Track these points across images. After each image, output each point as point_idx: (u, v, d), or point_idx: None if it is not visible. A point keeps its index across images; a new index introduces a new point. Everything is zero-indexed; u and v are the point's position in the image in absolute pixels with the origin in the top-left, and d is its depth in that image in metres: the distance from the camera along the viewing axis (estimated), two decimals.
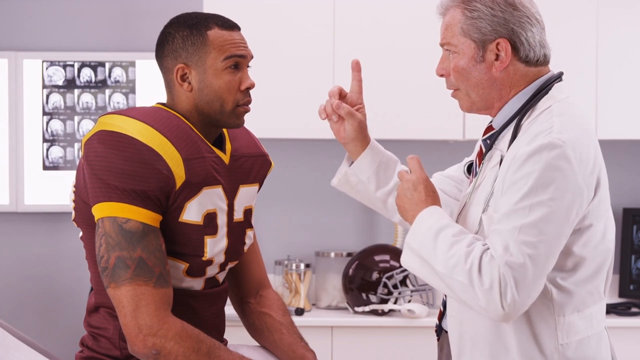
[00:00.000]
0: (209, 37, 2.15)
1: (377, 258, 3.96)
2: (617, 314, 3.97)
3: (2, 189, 4.14)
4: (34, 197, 4.15)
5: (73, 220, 2.20)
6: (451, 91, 2.16)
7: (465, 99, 2.13)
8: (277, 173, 4.11)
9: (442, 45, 2.13)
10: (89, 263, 2.20)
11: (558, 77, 2.12)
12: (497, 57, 2.07)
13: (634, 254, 4.20)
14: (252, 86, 2.19)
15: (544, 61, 2.11)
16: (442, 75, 2.15)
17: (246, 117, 2.22)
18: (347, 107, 2.19)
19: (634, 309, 4.05)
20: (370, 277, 3.93)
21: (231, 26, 2.18)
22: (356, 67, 2.25)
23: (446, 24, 2.12)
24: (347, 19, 3.93)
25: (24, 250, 4.19)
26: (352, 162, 2.32)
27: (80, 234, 2.21)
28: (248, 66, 2.20)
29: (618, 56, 3.97)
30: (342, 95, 2.23)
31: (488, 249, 1.94)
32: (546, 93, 2.07)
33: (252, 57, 2.20)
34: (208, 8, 3.84)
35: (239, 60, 2.17)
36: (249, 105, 2.20)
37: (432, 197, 2.09)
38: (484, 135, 2.18)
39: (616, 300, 4.24)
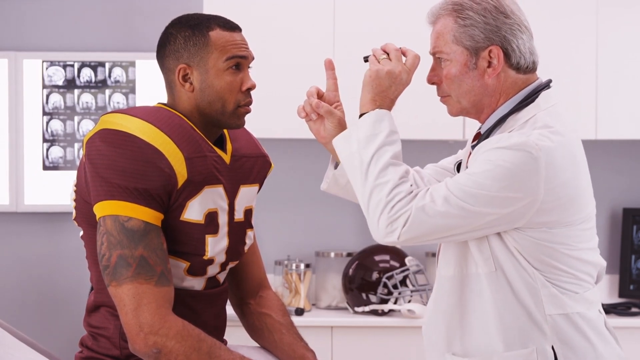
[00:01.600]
0: (210, 37, 2.15)
1: (377, 258, 3.96)
2: (617, 314, 3.97)
3: (2, 189, 4.14)
4: (34, 197, 4.15)
5: (74, 219, 2.21)
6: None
7: (455, 105, 2.16)
8: (277, 173, 4.11)
9: (432, 53, 2.15)
10: (90, 262, 2.20)
11: (546, 85, 2.14)
12: (490, 64, 2.09)
13: (634, 254, 4.21)
14: (253, 87, 2.20)
15: (532, 68, 2.13)
16: (433, 83, 2.17)
17: (246, 117, 2.22)
18: (326, 106, 2.21)
19: (634, 309, 4.05)
20: (370, 277, 3.93)
21: (233, 27, 2.19)
22: (329, 66, 2.27)
23: (437, 32, 2.13)
24: (347, 20, 3.93)
25: (24, 250, 4.19)
26: (337, 164, 2.31)
27: (81, 233, 2.21)
28: (249, 67, 2.21)
29: (618, 56, 3.97)
30: (319, 95, 2.25)
31: (412, 192, 2.01)
32: (532, 101, 2.09)
33: (253, 58, 2.21)
34: (208, 7, 3.84)
35: (240, 61, 2.18)
36: (250, 106, 2.21)
37: (394, 103, 2.16)
38: (473, 141, 2.21)
39: (616, 300, 4.24)
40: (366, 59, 2.21)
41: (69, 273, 4.17)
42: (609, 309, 4.00)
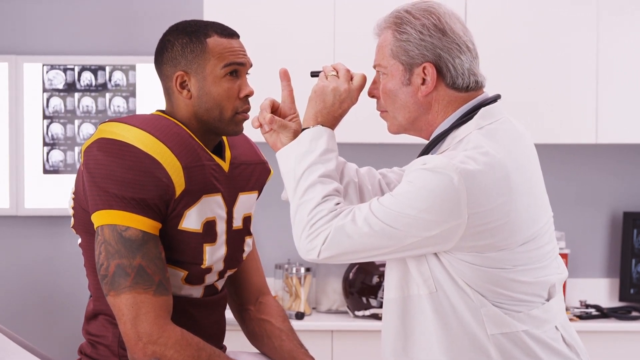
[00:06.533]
0: (208, 44, 2.15)
1: (377, 262, 3.96)
2: (617, 318, 3.97)
3: (3, 192, 4.14)
4: (34, 200, 4.15)
5: (72, 227, 2.20)
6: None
7: (392, 121, 2.12)
8: (277, 176, 4.10)
9: (374, 67, 2.13)
10: (88, 270, 2.20)
11: (492, 100, 2.09)
12: (424, 81, 2.06)
13: (635, 258, 4.20)
14: (251, 94, 2.19)
15: (475, 87, 2.08)
16: (373, 96, 2.15)
17: (246, 122, 2.22)
18: (279, 121, 2.16)
19: (634, 313, 4.05)
20: (371, 281, 3.93)
21: (230, 34, 2.18)
22: (284, 77, 2.23)
23: (378, 45, 2.12)
24: (347, 24, 3.92)
25: (24, 254, 4.19)
26: None
27: (79, 240, 2.21)
28: (247, 74, 2.21)
29: (618, 61, 3.96)
30: (274, 107, 2.20)
31: (335, 210, 2.01)
32: (470, 119, 2.05)
33: (251, 65, 2.20)
34: (208, 11, 3.84)
35: (238, 68, 2.17)
36: (248, 113, 2.21)
37: (339, 121, 2.15)
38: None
39: (617, 304, 4.24)
40: (314, 74, 2.19)
41: (69, 277, 4.17)
42: (610, 313, 4.00)
